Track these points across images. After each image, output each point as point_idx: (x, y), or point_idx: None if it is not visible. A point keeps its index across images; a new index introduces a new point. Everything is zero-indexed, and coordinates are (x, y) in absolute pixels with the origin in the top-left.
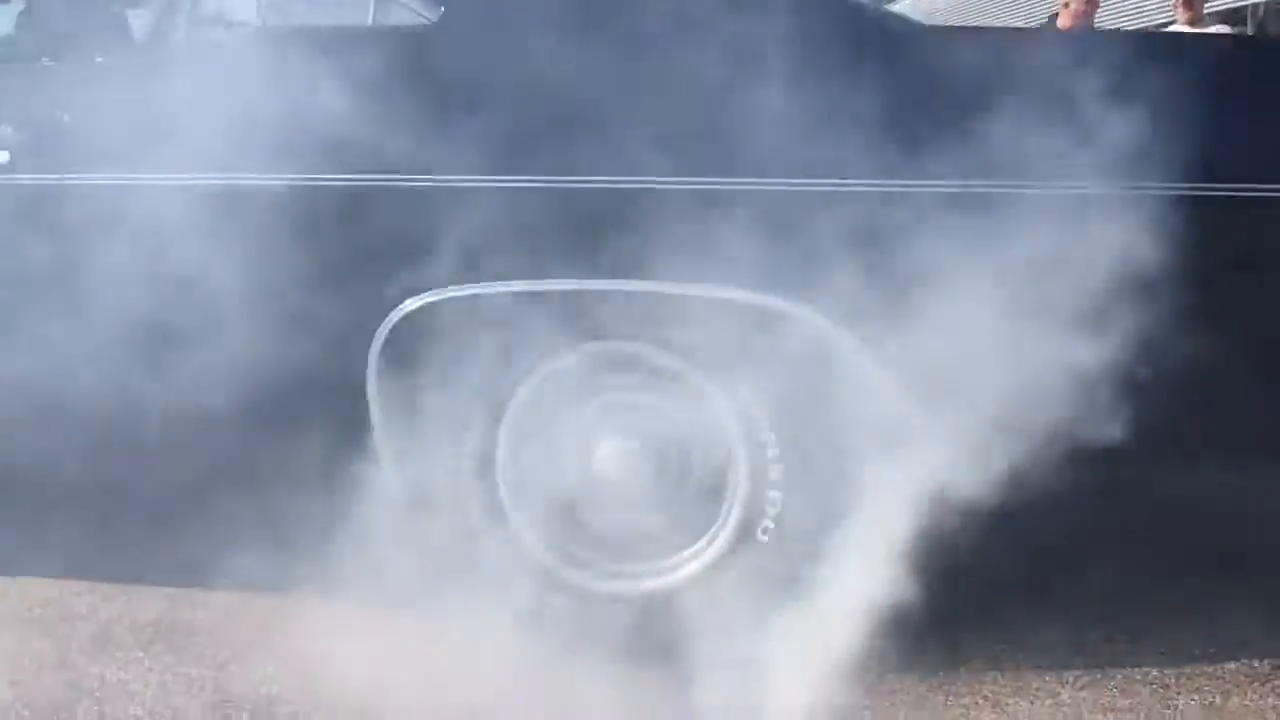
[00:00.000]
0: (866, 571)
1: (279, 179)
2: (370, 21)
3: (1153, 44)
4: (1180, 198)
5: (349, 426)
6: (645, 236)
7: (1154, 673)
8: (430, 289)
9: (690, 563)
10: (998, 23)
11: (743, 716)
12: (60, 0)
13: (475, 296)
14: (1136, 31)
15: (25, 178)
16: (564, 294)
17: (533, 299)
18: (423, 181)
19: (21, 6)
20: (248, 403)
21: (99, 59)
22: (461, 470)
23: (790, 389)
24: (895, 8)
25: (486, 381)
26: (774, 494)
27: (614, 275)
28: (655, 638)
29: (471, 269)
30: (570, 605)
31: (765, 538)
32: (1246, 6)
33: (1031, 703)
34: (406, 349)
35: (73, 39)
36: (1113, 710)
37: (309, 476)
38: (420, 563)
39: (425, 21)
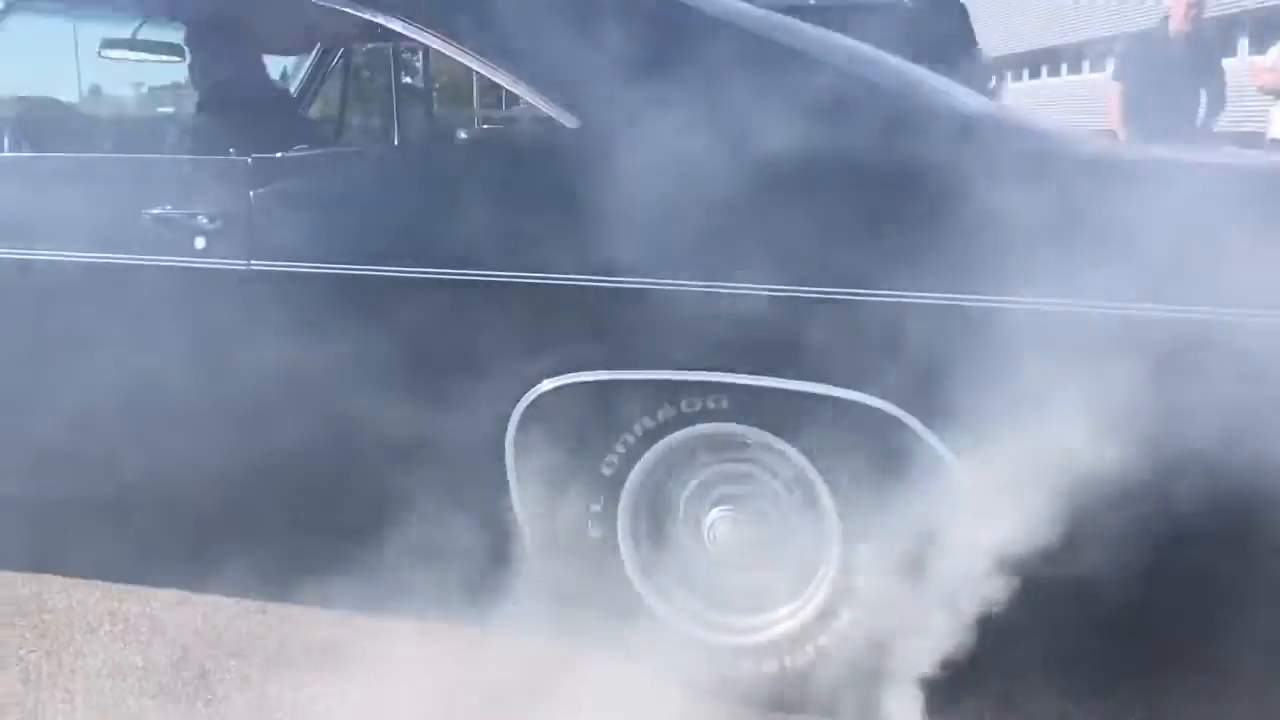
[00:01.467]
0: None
1: (442, 273)
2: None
3: None
4: None
5: (493, 485)
6: (752, 336)
7: None
8: (557, 374)
9: (786, 621)
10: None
11: None
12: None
13: (600, 382)
14: None
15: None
16: (677, 383)
17: (649, 385)
18: (561, 279)
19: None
20: (415, 458)
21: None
22: (589, 525)
23: (873, 472)
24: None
25: (610, 453)
26: (860, 560)
27: (731, 370)
28: (748, 686)
29: (598, 358)
30: (677, 650)
31: (852, 600)
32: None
33: None
34: (541, 423)
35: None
36: None
37: (457, 525)
38: (549, 605)
39: (566, 127)
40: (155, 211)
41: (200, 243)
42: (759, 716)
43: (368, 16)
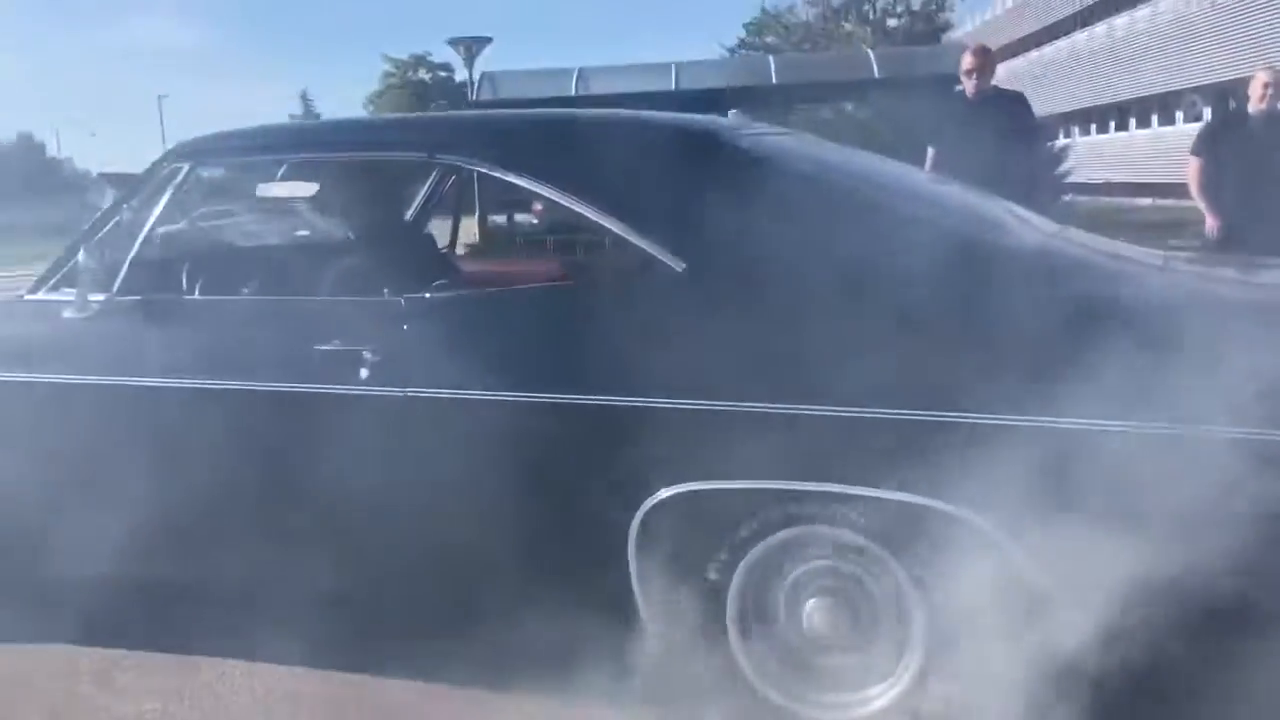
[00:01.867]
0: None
1: (571, 398)
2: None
3: None
4: None
5: (615, 575)
6: (849, 452)
7: None
8: (674, 484)
9: (879, 695)
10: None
11: None
12: None
13: (708, 491)
14: None
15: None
16: (778, 491)
17: (753, 497)
18: (675, 404)
19: None
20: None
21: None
22: (700, 610)
23: (957, 574)
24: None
25: (720, 553)
26: (943, 648)
27: (826, 480)
28: None
29: (702, 470)
30: None
31: (936, 682)
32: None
33: None
34: (659, 526)
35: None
36: None
37: (585, 610)
38: (667, 682)
39: (674, 270)
40: (325, 347)
41: (364, 373)
42: None
43: (505, 178)
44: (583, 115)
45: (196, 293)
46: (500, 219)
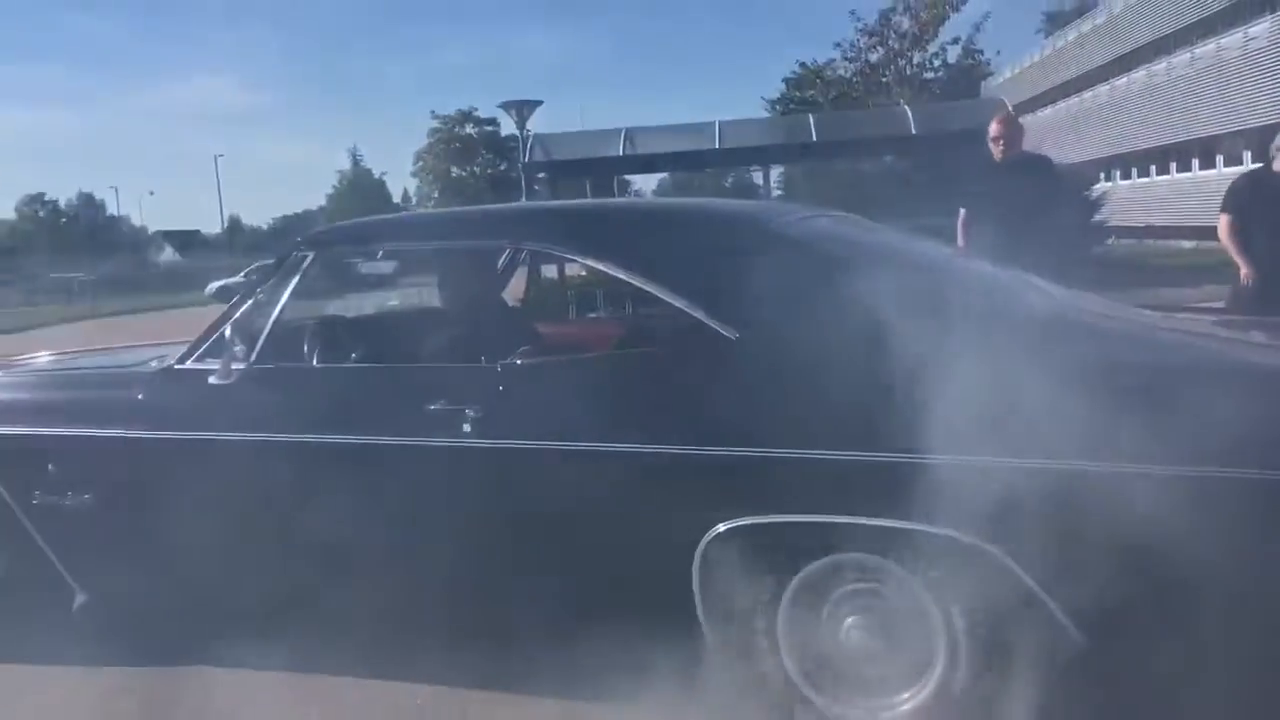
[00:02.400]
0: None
1: (641, 448)
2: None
3: None
4: None
5: (682, 597)
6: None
7: None
8: (732, 518)
9: (909, 700)
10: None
11: None
12: None
13: (761, 524)
14: None
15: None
16: (815, 525)
17: (800, 529)
18: (727, 451)
19: None
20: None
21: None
22: (755, 631)
23: (980, 596)
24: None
25: (771, 577)
26: (964, 660)
27: (862, 515)
28: None
29: (756, 507)
30: None
31: (957, 691)
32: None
33: None
34: (719, 554)
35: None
36: None
37: (654, 623)
38: (727, 693)
39: (728, 338)
40: (434, 406)
41: (467, 427)
42: None
43: (582, 261)
44: (648, 206)
45: (321, 361)
46: (579, 295)
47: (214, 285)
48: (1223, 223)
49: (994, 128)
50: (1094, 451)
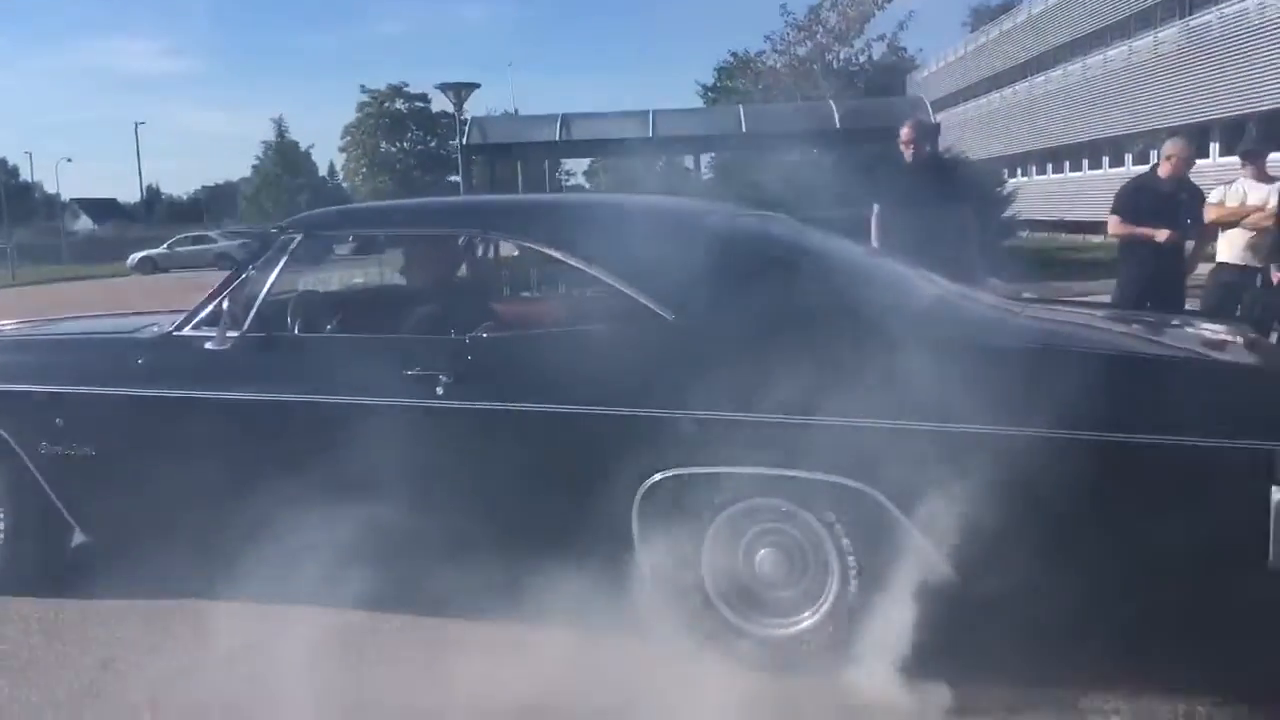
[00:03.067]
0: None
1: (591, 409)
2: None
3: None
4: None
5: (622, 535)
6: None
7: None
8: (665, 469)
9: (808, 619)
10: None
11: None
12: None
13: (689, 474)
14: None
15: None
16: (732, 476)
17: (721, 478)
18: (662, 413)
19: None
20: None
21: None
22: (683, 562)
23: (863, 529)
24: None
25: (697, 517)
26: (853, 584)
27: (772, 466)
28: (789, 661)
29: (685, 459)
30: (738, 640)
31: (844, 607)
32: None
33: None
34: (654, 499)
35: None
36: None
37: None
38: (658, 610)
39: (666, 318)
40: (410, 372)
41: (439, 390)
42: (787, 676)
43: (539, 250)
44: (602, 202)
45: (307, 331)
46: (532, 277)
47: (135, 256)
48: (1112, 222)
49: (904, 132)
50: (949, 414)
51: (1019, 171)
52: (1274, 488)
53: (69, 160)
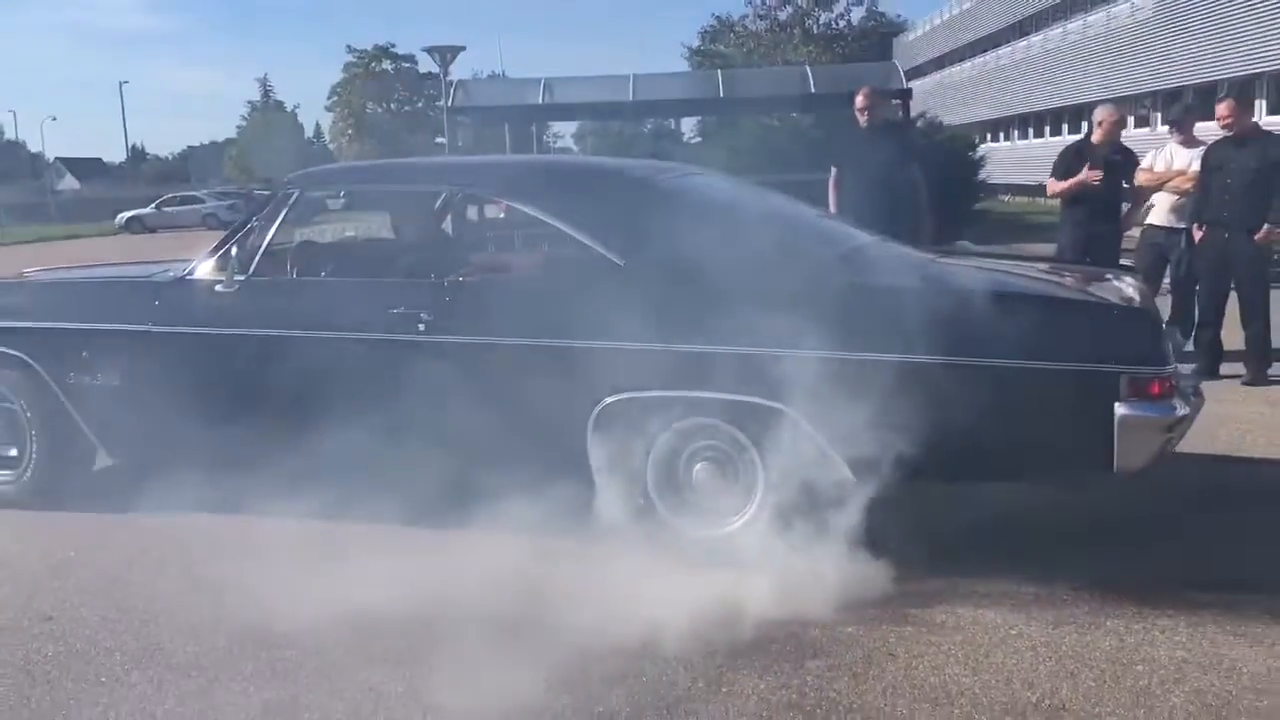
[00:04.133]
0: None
1: (553, 342)
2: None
3: None
4: None
5: (578, 452)
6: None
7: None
8: (616, 394)
9: (738, 520)
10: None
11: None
12: None
13: (636, 398)
14: None
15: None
16: (673, 398)
17: (663, 401)
18: (614, 345)
19: None
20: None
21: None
22: (631, 475)
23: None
24: None
25: (642, 435)
26: (775, 492)
27: (706, 389)
28: (723, 557)
29: (633, 385)
30: (679, 541)
31: (768, 509)
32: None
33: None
34: (606, 420)
35: None
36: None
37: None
38: (609, 512)
39: (617, 263)
40: (395, 311)
41: (421, 327)
42: (723, 568)
43: (515, 206)
44: (562, 164)
45: (305, 275)
46: (499, 226)
47: (124, 216)
48: (1050, 184)
49: (859, 99)
50: (854, 344)
51: (1002, 136)
52: (1116, 404)
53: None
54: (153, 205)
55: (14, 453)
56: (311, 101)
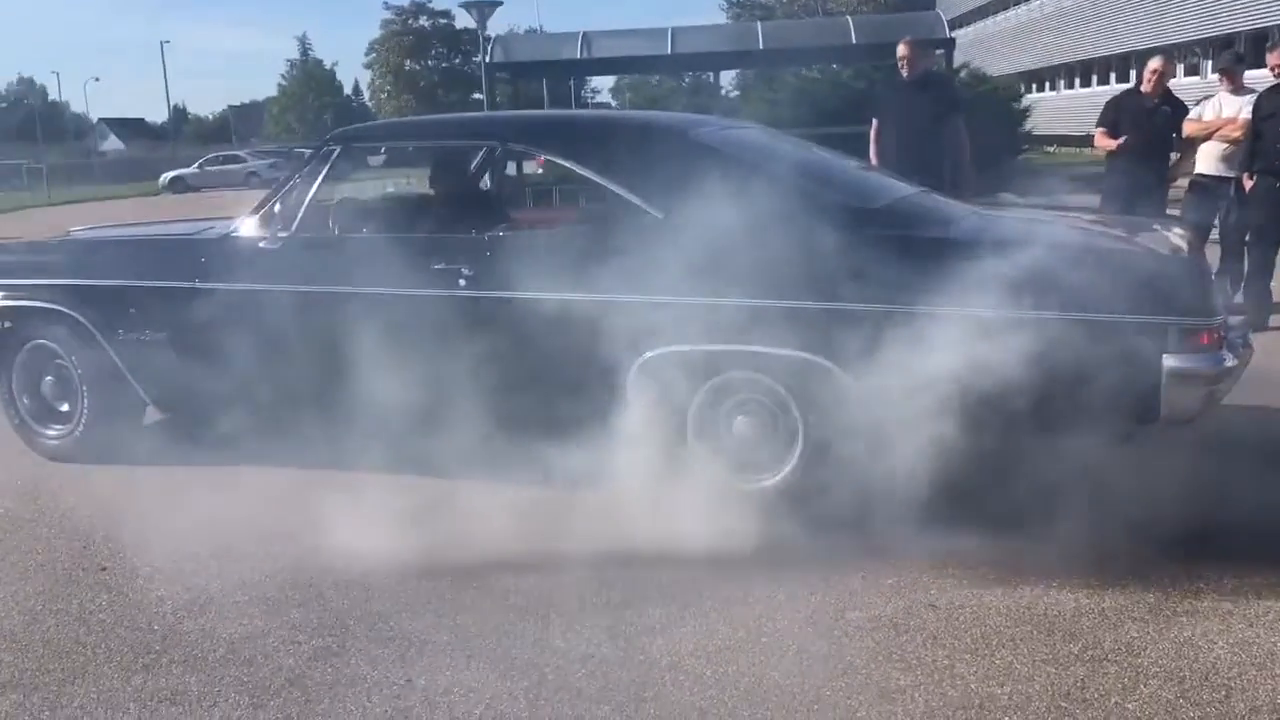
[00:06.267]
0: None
1: (590, 297)
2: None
3: None
4: None
5: (618, 405)
6: (758, 328)
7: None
8: (655, 349)
9: (781, 473)
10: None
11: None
12: None
13: (675, 352)
14: None
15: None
16: (713, 352)
17: (704, 355)
18: (655, 299)
19: None
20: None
21: None
22: (671, 424)
23: (822, 396)
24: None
25: (681, 389)
26: (808, 445)
27: (741, 343)
28: (765, 510)
29: (673, 339)
30: (719, 488)
31: (811, 463)
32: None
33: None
34: (646, 374)
35: None
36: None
37: (596, 423)
38: (650, 465)
39: (657, 216)
40: (438, 266)
41: (462, 282)
42: (762, 519)
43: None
44: (600, 118)
45: (347, 232)
46: (541, 182)
47: (167, 176)
48: (1097, 135)
49: (901, 49)
50: (902, 298)
51: (1048, 86)
52: (1165, 355)
53: (97, 80)
54: (196, 165)
55: (66, 408)
56: (350, 58)
